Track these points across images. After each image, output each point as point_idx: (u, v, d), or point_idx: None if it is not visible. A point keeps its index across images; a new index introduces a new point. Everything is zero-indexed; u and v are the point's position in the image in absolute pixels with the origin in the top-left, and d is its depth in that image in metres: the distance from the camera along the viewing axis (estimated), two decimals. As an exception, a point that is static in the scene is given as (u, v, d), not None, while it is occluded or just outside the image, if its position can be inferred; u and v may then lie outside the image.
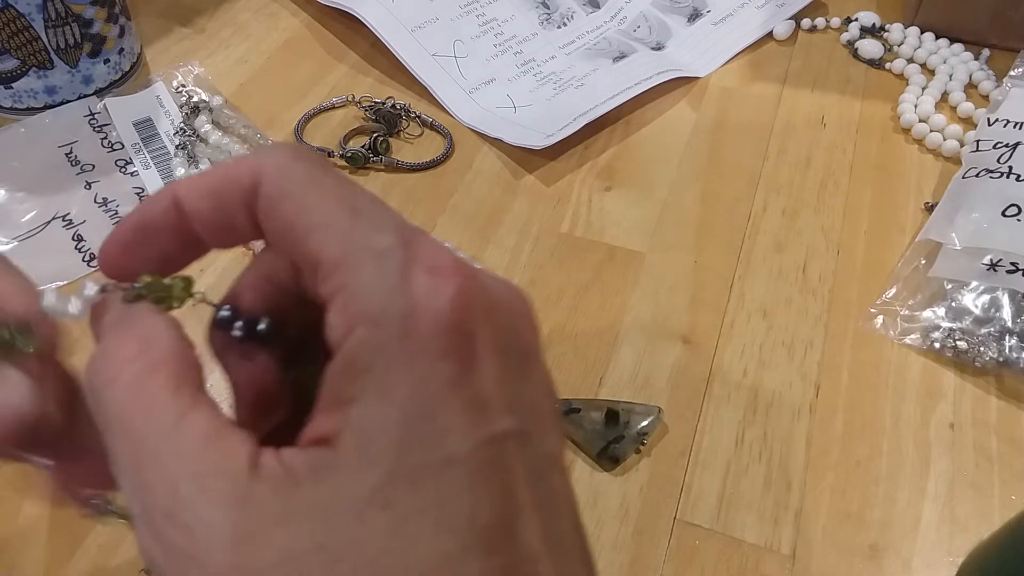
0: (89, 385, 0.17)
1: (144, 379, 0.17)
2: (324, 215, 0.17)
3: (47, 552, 0.34)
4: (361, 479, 0.16)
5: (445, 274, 0.17)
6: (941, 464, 0.38)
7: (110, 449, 0.17)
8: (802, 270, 0.46)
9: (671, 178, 0.51)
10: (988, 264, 0.42)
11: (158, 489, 0.16)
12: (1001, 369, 0.41)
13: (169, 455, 0.16)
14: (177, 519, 0.16)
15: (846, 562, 0.35)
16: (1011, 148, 0.47)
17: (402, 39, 0.57)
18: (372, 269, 0.17)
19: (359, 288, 0.17)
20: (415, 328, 0.16)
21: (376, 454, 0.16)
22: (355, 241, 0.17)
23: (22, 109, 0.52)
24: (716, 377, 0.41)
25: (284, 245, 0.18)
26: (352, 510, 0.16)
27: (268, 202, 0.18)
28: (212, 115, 0.52)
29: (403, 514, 0.16)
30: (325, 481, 0.16)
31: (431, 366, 0.16)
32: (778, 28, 0.62)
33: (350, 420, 0.16)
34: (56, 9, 0.49)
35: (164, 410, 0.17)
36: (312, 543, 0.15)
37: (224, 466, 0.16)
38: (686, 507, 0.36)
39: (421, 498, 0.16)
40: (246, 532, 0.16)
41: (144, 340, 0.17)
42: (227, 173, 0.19)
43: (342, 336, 0.17)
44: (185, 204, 0.19)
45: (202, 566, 0.16)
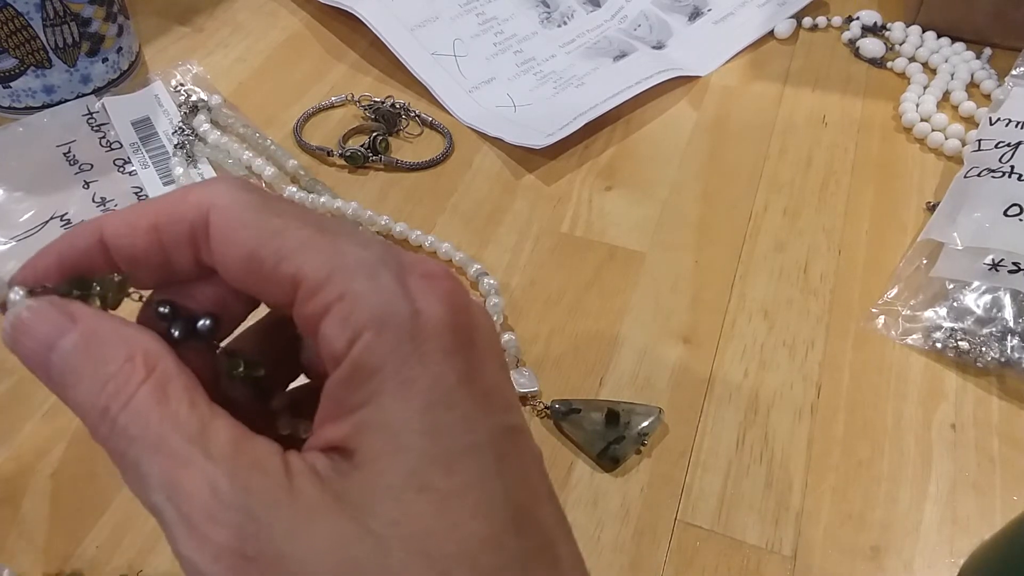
0: (97, 411, 0.17)
1: (160, 395, 0.17)
2: (295, 238, 0.17)
3: (47, 552, 0.34)
4: (394, 465, 0.16)
5: (439, 279, 0.18)
6: (943, 465, 0.38)
7: (134, 469, 0.17)
8: (803, 270, 0.46)
9: (672, 178, 0.51)
10: (990, 264, 0.42)
11: (198, 493, 0.16)
12: (1003, 369, 0.41)
13: (204, 459, 0.16)
14: (222, 519, 0.16)
15: (847, 563, 0.35)
16: (1013, 147, 0.47)
17: (401, 38, 0.57)
18: (367, 279, 0.17)
19: (358, 297, 0.17)
20: (422, 328, 0.17)
21: (405, 442, 0.16)
22: (341, 255, 0.17)
23: (20, 108, 0.52)
24: (717, 377, 0.41)
25: (245, 274, 0.18)
26: (390, 495, 0.16)
27: (223, 232, 0.18)
28: (211, 114, 0.52)
29: (442, 496, 0.16)
30: (358, 473, 0.16)
31: (443, 362, 0.17)
32: (779, 27, 0.61)
33: (368, 419, 0.16)
34: (54, 8, 0.49)
35: (188, 421, 0.17)
36: (359, 528, 0.16)
37: (261, 464, 0.16)
38: (687, 508, 0.36)
39: (457, 481, 0.16)
40: (294, 523, 0.16)
41: (146, 356, 0.17)
42: (167, 207, 0.18)
43: (345, 344, 0.17)
44: (113, 241, 0.18)
45: (254, 560, 0.16)
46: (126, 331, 0.18)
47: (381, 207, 0.48)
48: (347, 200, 0.47)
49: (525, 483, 0.17)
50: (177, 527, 0.16)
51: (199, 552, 0.16)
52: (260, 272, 0.18)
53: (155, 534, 0.35)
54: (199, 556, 0.16)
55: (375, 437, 0.16)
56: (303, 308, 0.17)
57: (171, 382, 0.17)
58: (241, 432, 0.17)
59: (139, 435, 0.17)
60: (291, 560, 0.16)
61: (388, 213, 0.47)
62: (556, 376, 0.41)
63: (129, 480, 0.17)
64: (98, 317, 0.18)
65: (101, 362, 0.17)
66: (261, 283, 0.18)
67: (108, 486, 0.36)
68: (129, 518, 0.35)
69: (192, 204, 0.18)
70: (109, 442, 0.17)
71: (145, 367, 0.17)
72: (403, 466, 0.16)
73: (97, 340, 0.17)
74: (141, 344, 0.17)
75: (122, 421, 0.17)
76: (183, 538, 0.16)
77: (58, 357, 0.17)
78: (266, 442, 0.17)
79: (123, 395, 0.17)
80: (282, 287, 0.17)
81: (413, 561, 0.16)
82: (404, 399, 0.16)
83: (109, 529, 0.35)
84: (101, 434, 0.17)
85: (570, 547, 0.18)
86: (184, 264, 0.19)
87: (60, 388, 0.18)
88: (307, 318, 0.17)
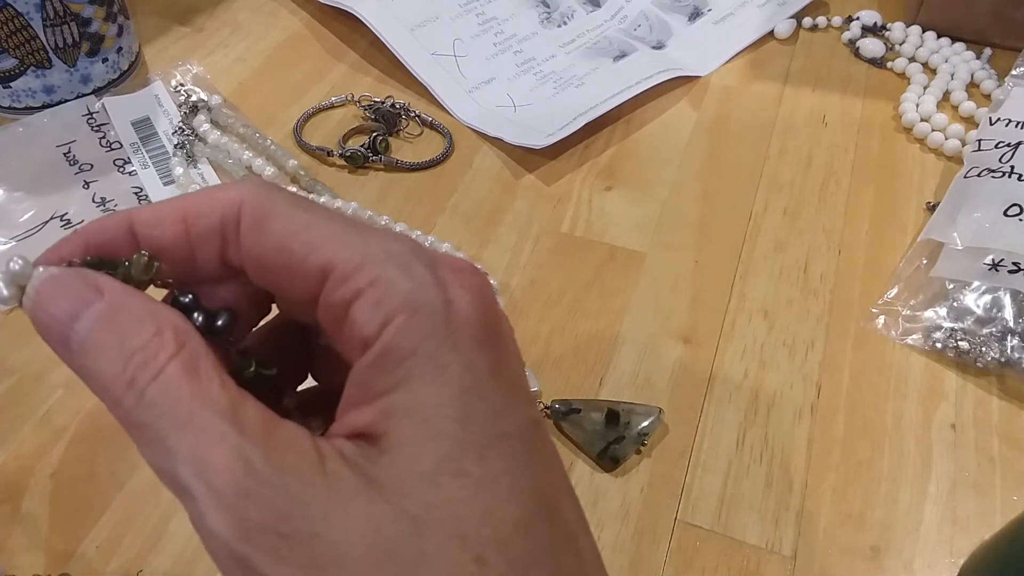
0: (122, 383, 0.17)
1: (191, 370, 0.16)
2: (325, 230, 0.18)
3: (47, 552, 0.34)
4: (428, 450, 0.16)
5: (468, 273, 0.18)
6: (943, 465, 0.38)
7: (159, 443, 0.16)
8: (803, 270, 0.46)
9: (672, 178, 0.51)
10: (990, 264, 0.42)
11: (231, 469, 0.16)
12: (1003, 369, 0.41)
13: (238, 435, 0.16)
14: (256, 495, 0.16)
15: (847, 563, 0.35)
16: (1013, 147, 0.47)
17: (401, 38, 0.57)
18: (399, 267, 0.17)
19: (391, 282, 0.17)
20: (454, 317, 0.17)
21: (438, 427, 0.16)
22: (372, 246, 0.17)
23: (20, 108, 0.52)
24: (717, 377, 0.41)
25: (273, 266, 0.18)
26: (424, 479, 0.16)
27: (254, 225, 0.18)
28: (211, 114, 0.52)
29: (477, 482, 0.16)
30: (388, 458, 0.16)
31: (474, 351, 0.17)
32: (779, 27, 0.61)
33: (397, 404, 0.16)
34: (54, 8, 0.49)
35: (220, 398, 0.16)
36: (394, 511, 0.16)
37: (294, 445, 0.16)
38: (687, 508, 0.36)
39: (490, 468, 0.16)
40: (329, 504, 0.16)
41: (176, 332, 0.17)
42: (197, 201, 0.19)
43: (376, 328, 0.17)
44: (142, 231, 0.18)
45: (287, 539, 0.15)
46: (154, 306, 0.17)
47: (381, 207, 0.48)
48: (347, 200, 0.47)
49: (549, 476, 0.18)
50: (206, 502, 0.16)
51: (230, 529, 0.16)
52: (289, 264, 0.18)
53: (155, 534, 0.35)
54: (229, 533, 0.16)
55: (406, 422, 0.16)
56: (332, 295, 0.17)
57: (201, 359, 0.17)
58: (271, 414, 0.17)
59: (168, 409, 0.16)
60: (326, 540, 0.15)
61: (388, 213, 0.47)
62: (556, 376, 0.41)
63: (151, 454, 0.16)
64: (125, 290, 0.18)
65: (128, 335, 0.17)
66: (288, 276, 0.18)
67: (108, 486, 0.36)
68: (129, 518, 0.35)
69: (223, 199, 0.18)
70: (133, 414, 0.16)
71: (175, 342, 0.17)
72: (437, 451, 0.16)
73: (124, 312, 0.17)
74: (170, 319, 0.17)
75: (150, 394, 0.16)
76: (212, 513, 0.16)
77: (81, 327, 0.17)
78: (295, 425, 0.17)
79: (152, 368, 0.16)
80: (310, 279, 0.18)
81: (449, 544, 0.16)
82: (436, 385, 0.16)
83: (109, 529, 0.35)
84: (124, 406, 0.17)
85: (590, 541, 0.18)
86: (208, 260, 0.19)
87: (80, 359, 0.17)
88: (335, 305, 0.17)
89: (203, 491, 0.16)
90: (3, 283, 0.18)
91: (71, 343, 0.17)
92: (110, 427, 0.38)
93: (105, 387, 0.17)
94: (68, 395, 0.39)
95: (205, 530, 0.16)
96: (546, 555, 0.17)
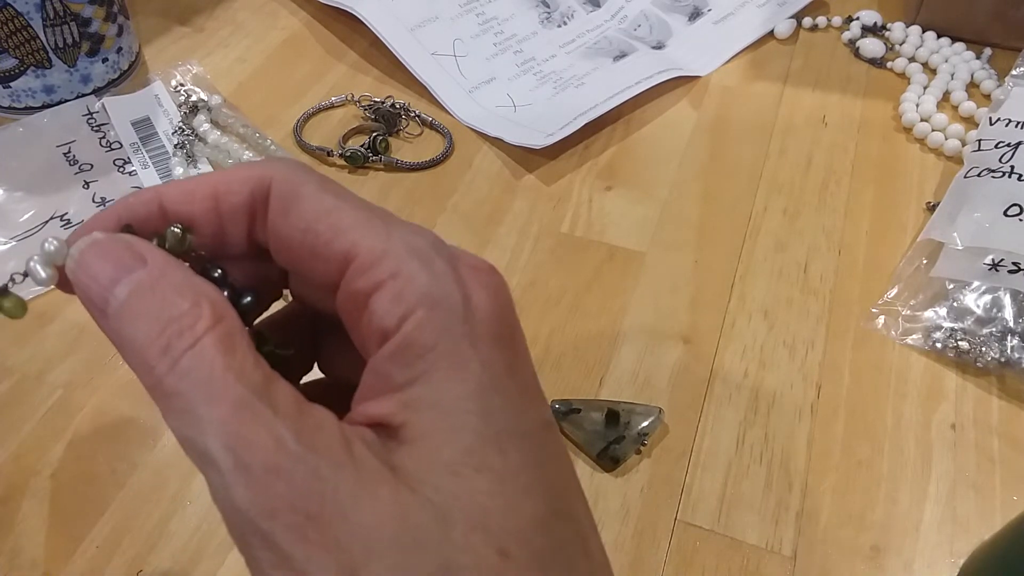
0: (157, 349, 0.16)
1: (227, 345, 0.16)
2: (351, 216, 0.18)
3: (47, 552, 0.34)
4: (450, 443, 0.16)
5: (486, 272, 0.18)
6: (943, 465, 0.38)
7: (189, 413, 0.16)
8: (803, 270, 0.46)
9: (672, 178, 0.51)
10: (990, 264, 0.42)
11: (262, 444, 0.16)
12: (1003, 369, 0.40)
13: (271, 412, 0.16)
14: (286, 472, 0.15)
15: (847, 563, 0.35)
16: (1013, 147, 0.47)
17: (401, 38, 0.57)
18: (420, 261, 0.17)
19: (412, 276, 0.17)
20: (473, 314, 0.17)
21: (460, 421, 0.16)
22: (394, 238, 0.17)
23: (20, 108, 0.52)
24: (717, 377, 0.41)
25: (298, 247, 0.18)
26: (449, 471, 0.16)
27: (283, 204, 0.18)
28: (211, 114, 0.52)
29: (499, 476, 0.16)
30: (409, 448, 0.16)
31: (491, 349, 0.17)
32: (779, 27, 0.61)
33: (418, 396, 0.17)
34: (54, 8, 0.49)
35: (254, 374, 0.16)
36: (420, 499, 0.16)
37: (323, 427, 0.16)
38: (687, 508, 0.36)
39: (510, 463, 0.16)
40: (357, 487, 0.16)
41: (213, 306, 0.17)
42: (227, 178, 0.19)
43: (396, 320, 0.17)
44: (172, 207, 0.19)
45: (315, 519, 0.15)
46: (194, 278, 0.17)
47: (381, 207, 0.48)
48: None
49: (563, 475, 0.18)
50: (233, 476, 0.16)
51: (256, 504, 0.15)
52: (313, 246, 0.18)
53: (155, 534, 0.35)
54: (255, 509, 0.15)
55: (427, 414, 0.16)
56: (353, 283, 0.17)
57: (236, 335, 0.17)
58: (300, 395, 0.17)
59: (202, 380, 0.16)
60: (354, 523, 0.15)
61: (388, 213, 0.47)
62: (556, 376, 0.41)
63: (179, 423, 0.16)
64: (167, 260, 0.18)
65: (167, 303, 0.17)
66: (311, 259, 0.18)
67: (108, 486, 0.36)
68: (129, 518, 0.35)
69: (254, 176, 0.18)
70: (165, 382, 0.16)
71: (212, 315, 0.17)
72: (460, 444, 0.16)
73: (165, 281, 0.17)
74: (208, 293, 0.17)
75: (185, 363, 0.16)
76: (239, 488, 0.15)
77: (121, 291, 0.17)
78: (323, 408, 0.17)
79: (188, 336, 0.16)
80: (332, 263, 0.18)
81: (474, 535, 0.16)
82: (457, 379, 0.17)
83: (109, 529, 0.35)
84: (157, 373, 0.16)
85: (599, 541, 0.18)
86: (236, 237, 0.19)
87: (116, 323, 0.17)
88: (354, 293, 0.17)
89: (231, 464, 0.16)
90: (40, 264, 0.18)
91: (109, 306, 0.17)
92: (110, 427, 0.38)
93: (138, 352, 0.17)
94: (68, 395, 0.39)
95: (228, 503, 0.16)
96: (562, 552, 0.17)
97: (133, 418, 0.39)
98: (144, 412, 0.39)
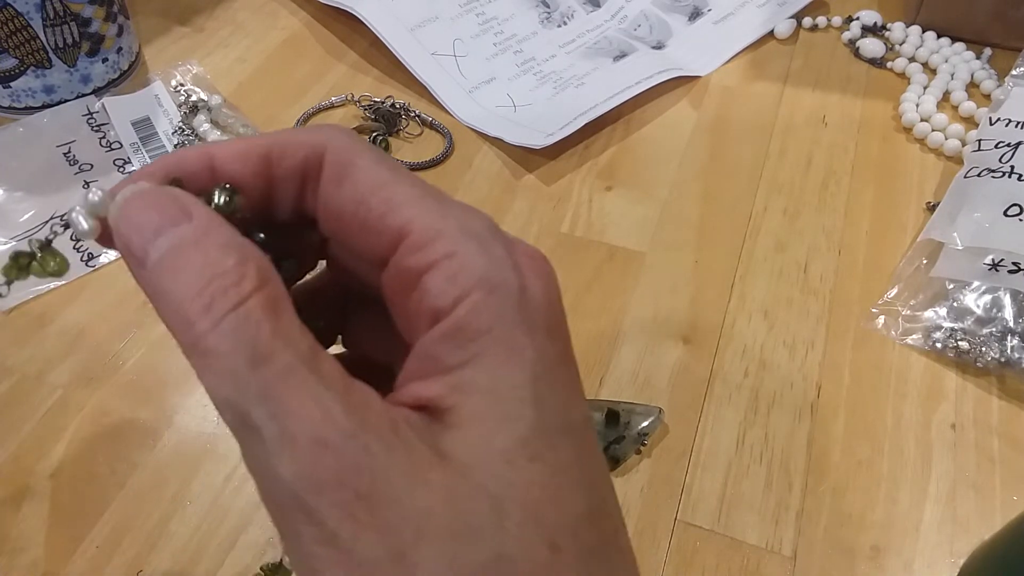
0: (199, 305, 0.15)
1: (273, 309, 0.16)
2: (406, 192, 0.17)
3: (47, 552, 0.34)
4: (504, 431, 0.16)
5: (540, 260, 0.18)
6: (943, 465, 0.38)
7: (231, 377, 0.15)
8: (803, 270, 0.46)
9: (672, 178, 0.51)
10: (990, 264, 0.42)
11: (310, 416, 0.15)
12: (1003, 369, 0.40)
13: (318, 383, 0.15)
14: (335, 447, 0.15)
15: (847, 563, 0.35)
16: (1013, 147, 0.47)
17: (401, 38, 0.57)
18: (478, 245, 0.17)
19: (469, 257, 0.17)
20: (529, 302, 0.17)
21: (514, 409, 0.16)
22: (451, 218, 0.17)
23: (20, 108, 0.52)
24: (717, 377, 0.41)
25: (349, 217, 0.18)
26: (503, 459, 0.16)
27: (338, 170, 0.18)
28: (211, 114, 0.52)
29: (551, 468, 0.16)
30: (457, 433, 0.16)
31: (544, 339, 0.17)
32: (779, 27, 0.61)
33: (469, 380, 0.16)
34: (54, 8, 0.49)
35: (301, 342, 0.16)
36: (473, 487, 0.15)
37: (371, 405, 0.16)
38: (687, 508, 0.36)
39: (561, 456, 0.16)
40: (409, 469, 0.15)
41: (259, 268, 0.16)
42: (282, 140, 0.18)
43: (450, 301, 0.16)
44: (223, 166, 0.18)
45: (365, 500, 0.15)
46: (240, 239, 0.17)
47: (381, 207, 0.48)
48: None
49: (601, 471, 0.18)
50: (277, 445, 0.15)
51: (301, 477, 0.15)
52: (365, 218, 0.17)
53: (155, 534, 0.35)
54: (301, 482, 0.15)
55: (478, 399, 0.16)
56: (405, 260, 0.17)
57: (281, 300, 0.16)
58: (344, 369, 0.16)
59: (247, 341, 0.15)
60: (406, 506, 0.15)
61: (388, 213, 0.47)
62: (556, 376, 0.41)
63: (217, 384, 0.15)
64: (213, 217, 0.17)
65: (211, 259, 0.16)
66: (362, 231, 0.18)
67: (108, 486, 0.36)
68: (129, 518, 0.35)
69: (309, 141, 0.18)
70: (205, 339, 0.15)
71: (259, 277, 0.16)
72: (514, 433, 0.16)
73: (210, 237, 0.16)
74: (255, 255, 0.16)
75: (229, 323, 0.15)
76: (283, 458, 0.15)
77: (163, 242, 0.16)
78: (366, 385, 0.16)
79: (232, 296, 0.15)
80: (384, 236, 0.17)
81: (527, 526, 0.15)
82: (511, 366, 0.16)
83: (109, 529, 0.35)
84: (197, 329, 0.15)
85: (628, 539, 0.18)
86: (283, 203, 0.18)
87: (156, 275, 0.16)
88: (406, 270, 0.17)
89: (275, 433, 0.15)
90: (83, 215, 0.17)
91: (149, 257, 0.16)
92: (110, 427, 0.38)
93: (177, 307, 0.16)
94: (68, 395, 0.39)
95: (269, 473, 0.15)
96: (604, 548, 0.17)
97: (133, 418, 0.39)
98: (144, 412, 0.39)
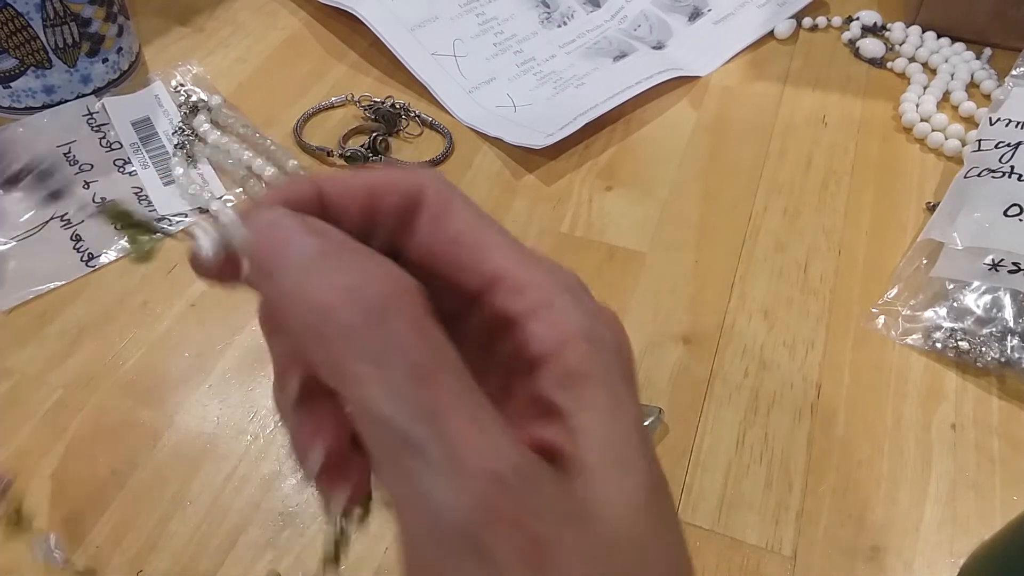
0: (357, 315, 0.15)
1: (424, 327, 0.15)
2: (497, 240, 0.18)
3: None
4: (630, 484, 0.16)
5: (615, 318, 0.19)
6: (943, 465, 0.38)
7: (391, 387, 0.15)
8: (803, 270, 0.46)
9: (672, 178, 0.51)
10: (990, 264, 0.42)
11: (481, 446, 0.14)
12: (1003, 369, 0.40)
13: (479, 407, 0.15)
14: (508, 484, 0.14)
15: (847, 563, 0.35)
16: (1013, 147, 0.47)
17: (401, 38, 0.57)
18: (574, 298, 0.18)
19: (569, 310, 0.18)
20: (622, 355, 0.18)
21: (631, 460, 0.17)
22: (543, 270, 0.18)
23: (20, 108, 0.52)
24: (717, 377, 0.41)
25: (442, 255, 0.19)
26: (635, 509, 0.16)
27: (437, 213, 0.19)
28: (211, 114, 0.52)
29: (664, 521, 0.17)
30: (587, 482, 0.16)
31: (633, 391, 0.18)
32: (779, 27, 0.61)
33: (588, 427, 0.17)
34: (54, 8, 0.49)
35: (459, 366, 0.16)
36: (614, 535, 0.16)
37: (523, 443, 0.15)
38: (687, 508, 0.36)
39: (664, 509, 0.17)
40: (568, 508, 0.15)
41: (408, 285, 0.16)
42: (384, 177, 0.19)
43: (555, 347, 0.17)
44: (330, 199, 0.18)
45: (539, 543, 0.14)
46: (379, 256, 0.17)
47: (381, 207, 0.48)
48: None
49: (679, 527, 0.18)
50: (444, 469, 0.14)
51: (470, 509, 0.14)
52: (459, 259, 0.18)
53: (155, 534, 0.35)
54: (469, 514, 0.14)
55: (598, 448, 0.16)
56: (501, 301, 0.18)
57: (430, 318, 0.16)
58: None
59: (407, 354, 0.15)
60: (575, 554, 0.14)
61: (388, 213, 0.47)
62: (556, 376, 0.41)
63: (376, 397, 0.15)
64: (345, 236, 0.17)
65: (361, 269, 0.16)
66: (454, 270, 0.18)
67: (108, 486, 0.36)
68: (129, 518, 0.35)
69: (409, 181, 0.19)
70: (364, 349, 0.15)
71: (419, 292, 0.16)
72: (639, 488, 0.16)
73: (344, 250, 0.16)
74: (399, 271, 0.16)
75: (394, 336, 0.15)
76: (451, 487, 0.14)
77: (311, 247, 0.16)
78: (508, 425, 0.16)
79: (394, 308, 0.15)
80: (476, 278, 0.18)
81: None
82: (618, 416, 0.17)
83: (109, 529, 0.35)
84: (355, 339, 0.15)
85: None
86: (382, 236, 0.19)
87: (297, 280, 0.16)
88: (502, 312, 0.18)
89: (442, 457, 0.14)
90: (209, 242, 0.16)
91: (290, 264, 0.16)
92: (110, 427, 0.38)
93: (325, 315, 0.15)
94: (68, 395, 0.39)
95: (428, 498, 0.14)
96: None
97: (133, 418, 0.39)
98: (144, 412, 0.39)
